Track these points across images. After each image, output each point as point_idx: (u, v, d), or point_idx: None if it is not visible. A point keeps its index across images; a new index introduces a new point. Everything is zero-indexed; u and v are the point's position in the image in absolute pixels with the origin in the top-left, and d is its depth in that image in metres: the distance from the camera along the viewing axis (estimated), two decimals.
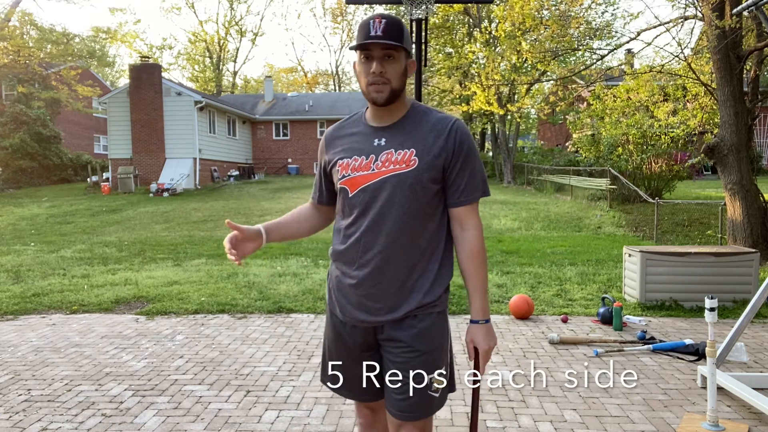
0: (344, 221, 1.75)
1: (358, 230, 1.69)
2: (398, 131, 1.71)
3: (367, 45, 1.61)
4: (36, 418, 3.09)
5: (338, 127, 1.83)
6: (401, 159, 1.67)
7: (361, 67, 1.66)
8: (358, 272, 1.69)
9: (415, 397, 1.66)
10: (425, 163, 1.66)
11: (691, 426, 2.91)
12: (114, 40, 41.54)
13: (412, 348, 1.67)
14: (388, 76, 1.63)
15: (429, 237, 1.72)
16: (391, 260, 1.67)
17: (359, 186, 1.68)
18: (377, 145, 1.70)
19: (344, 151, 1.75)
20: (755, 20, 7.62)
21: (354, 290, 1.71)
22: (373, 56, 1.63)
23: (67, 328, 4.96)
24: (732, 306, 5.24)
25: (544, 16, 11.22)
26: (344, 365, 1.81)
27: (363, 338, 1.75)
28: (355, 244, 1.69)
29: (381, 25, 1.60)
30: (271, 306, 5.55)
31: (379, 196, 1.66)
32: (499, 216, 13.33)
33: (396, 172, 1.66)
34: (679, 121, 12.69)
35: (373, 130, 1.73)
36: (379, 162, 1.68)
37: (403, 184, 1.65)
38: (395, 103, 1.70)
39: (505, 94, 22.98)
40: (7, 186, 23.88)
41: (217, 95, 39.20)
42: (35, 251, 9.60)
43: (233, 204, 16.70)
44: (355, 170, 1.70)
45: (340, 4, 47.48)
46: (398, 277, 1.68)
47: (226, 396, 3.39)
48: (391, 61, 1.64)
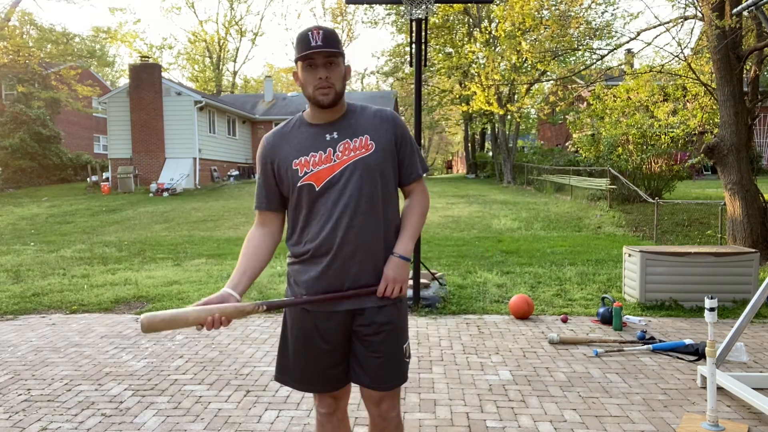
0: (312, 215, 1.83)
1: (329, 219, 1.79)
2: (346, 124, 1.87)
3: (312, 54, 1.75)
4: (36, 418, 3.09)
5: (278, 132, 1.92)
6: (359, 145, 1.83)
7: (305, 75, 1.80)
8: (335, 259, 1.80)
9: (394, 367, 1.87)
10: (380, 144, 1.85)
11: (691, 426, 2.91)
12: (114, 39, 41.60)
13: (392, 322, 1.86)
14: (332, 81, 1.79)
15: (392, 213, 1.91)
16: (367, 239, 1.81)
17: (326, 178, 1.80)
18: (330, 139, 1.84)
19: (296, 152, 1.84)
20: (755, 20, 7.62)
21: (331, 278, 1.81)
22: (317, 64, 1.77)
23: (67, 328, 4.96)
24: (732, 306, 5.24)
25: (544, 16, 11.22)
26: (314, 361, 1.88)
27: (338, 327, 1.85)
28: (331, 232, 1.79)
29: (320, 36, 1.75)
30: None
31: (348, 183, 1.79)
32: (499, 216, 13.33)
33: (359, 157, 1.82)
34: (679, 121, 12.70)
35: (320, 128, 1.86)
36: (339, 152, 1.82)
37: (368, 166, 1.81)
38: (338, 104, 1.86)
39: (505, 94, 22.98)
40: (7, 186, 23.89)
41: (217, 95, 39.19)
42: (35, 251, 9.60)
43: (233, 204, 16.70)
44: (316, 165, 1.81)
45: (340, 4, 47.47)
46: (375, 255, 1.83)
47: (225, 396, 3.39)
48: (333, 66, 1.79)
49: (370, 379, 1.86)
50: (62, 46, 27.66)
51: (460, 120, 36.68)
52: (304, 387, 1.94)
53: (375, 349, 1.85)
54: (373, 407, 1.93)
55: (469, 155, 36.75)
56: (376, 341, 1.85)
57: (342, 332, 1.86)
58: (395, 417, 1.95)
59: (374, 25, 36.45)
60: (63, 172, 26.65)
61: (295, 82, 1.87)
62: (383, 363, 1.85)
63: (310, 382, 1.92)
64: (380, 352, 1.85)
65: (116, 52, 57.87)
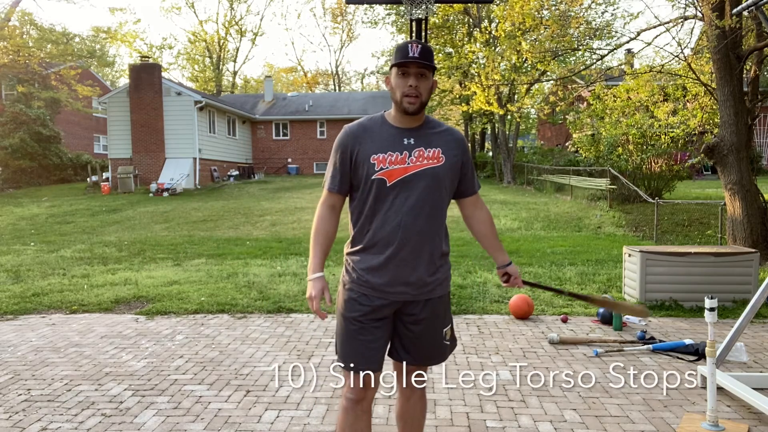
0: (379, 207, 2.04)
1: (395, 215, 2.02)
2: (422, 133, 2.08)
3: (407, 63, 1.97)
4: (36, 418, 3.09)
5: (361, 125, 2.11)
6: (432, 156, 2.06)
7: (397, 81, 2.01)
8: (397, 253, 2.03)
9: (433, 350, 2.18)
10: (449, 160, 2.08)
11: (691, 426, 2.91)
12: (114, 39, 41.58)
13: (432, 315, 2.12)
14: (420, 91, 2.00)
15: (443, 219, 2.14)
16: (424, 240, 2.05)
17: (397, 177, 2.01)
18: (407, 143, 2.05)
19: (376, 147, 2.04)
20: (755, 20, 7.62)
21: (391, 269, 2.03)
22: (410, 73, 1.99)
23: (67, 328, 4.96)
24: (732, 306, 5.24)
25: (544, 16, 11.21)
26: (371, 343, 2.09)
27: (390, 310, 2.09)
28: (396, 228, 2.02)
29: (418, 49, 1.97)
30: (271, 306, 5.55)
31: (416, 185, 2.02)
32: (499, 216, 13.33)
33: (430, 166, 2.04)
34: (679, 121, 12.69)
35: (399, 131, 2.07)
36: (413, 157, 2.04)
37: (436, 175, 2.05)
38: (420, 113, 2.07)
39: (505, 94, 22.98)
40: (7, 186, 23.88)
41: (216, 95, 39.19)
42: (35, 251, 9.60)
43: (233, 204, 16.70)
44: (392, 164, 2.02)
45: (340, 4, 47.47)
46: (430, 255, 2.07)
47: (225, 396, 3.39)
48: (423, 79, 2.00)
49: (411, 357, 2.16)
50: (62, 46, 27.67)
51: (460, 120, 36.66)
52: (363, 365, 2.08)
53: (416, 336, 2.13)
54: (406, 377, 2.20)
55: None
56: (417, 330, 2.12)
57: (390, 316, 2.11)
58: (422, 388, 2.24)
59: (374, 25, 36.47)
60: (63, 172, 26.64)
61: (386, 86, 2.09)
62: (423, 345, 2.15)
63: (354, 356, 2.08)
64: (420, 338, 2.13)
65: (116, 52, 57.82)
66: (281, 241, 10.39)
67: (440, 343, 2.18)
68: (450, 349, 2.24)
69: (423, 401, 2.30)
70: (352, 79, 56.96)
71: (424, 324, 2.11)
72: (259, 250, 9.22)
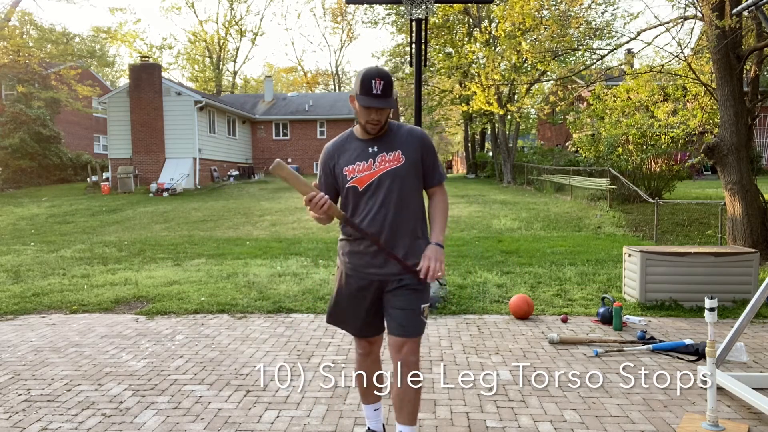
0: (357, 209, 2.42)
1: (371, 212, 2.39)
2: (385, 140, 2.44)
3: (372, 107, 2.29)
4: (36, 418, 3.09)
5: (337, 143, 2.52)
6: (393, 158, 2.41)
7: (361, 111, 2.34)
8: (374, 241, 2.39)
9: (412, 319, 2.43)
10: (409, 159, 2.42)
11: (691, 426, 2.91)
12: (114, 39, 41.59)
13: (410, 285, 2.42)
14: (381, 119, 2.36)
15: (416, 208, 2.47)
16: (398, 229, 2.41)
17: (366, 182, 2.40)
18: (371, 151, 2.42)
19: (347, 160, 2.43)
20: (755, 20, 7.62)
21: (373, 255, 2.42)
22: (373, 109, 2.31)
23: (67, 328, 4.96)
24: (732, 306, 5.24)
25: (544, 16, 11.21)
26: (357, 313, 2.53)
27: (374, 289, 2.47)
28: (371, 221, 2.40)
29: (381, 86, 2.27)
30: (271, 306, 5.55)
31: (382, 186, 2.39)
32: (499, 216, 13.33)
33: (391, 168, 2.40)
34: (679, 121, 12.69)
35: (364, 143, 2.45)
36: (377, 163, 2.41)
37: (397, 175, 2.40)
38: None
39: (505, 94, 22.97)
40: (7, 186, 23.89)
41: (216, 95, 39.19)
42: (35, 251, 9.60)
43: (233, 204, 16.70)
44: (360, 172, 2.41)
45: (340, 4, 47.48)
46: (403, 240, 2.42)
47: (225, 396, 3.39)
48: (384, 111, 2.34)
49: (395, 325, 2.43)
50: (62, 46, 27.68)
51: (460, 120, 36.67)
52: (348, 329, 2.61)
53: (396, 303, 2.43)
54: (396, 354, 2.44)
55: (469, 155, 36.75)
56: (397, 298, 2.43)
57: (376, 294, 2.48)
58: (415, 362, 2.46)
59: (374, 25, 36.46)
60: (63, 172, 26.64)
61: (351, 103, 2.40)
62: (403, 314, 2.42)
63: (352, 327, 2.58)
64: (400, 306, 2.42)
65: (116, 52, 57.88)
66: (281, 241, 10.40)
67: (419, 318, 2.44)
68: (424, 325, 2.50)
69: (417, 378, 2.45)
70: (352, 79, 56.91)
71: (405, 297, 2.43)
72: (259, 250, 9.22)
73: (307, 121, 30.60)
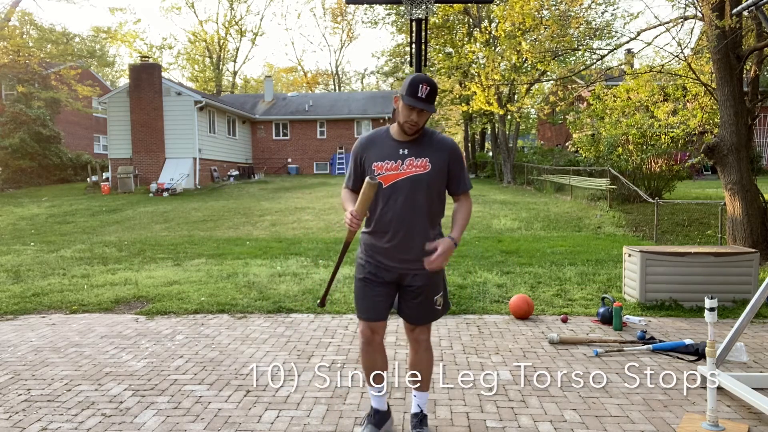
0: (379, 203, 2.57)
1: (389, 210, 2.55)
2: (416, 145, 2.58)
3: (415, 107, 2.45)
4: (36, 418, 3.09)
5: (370, 136, 2.68)
6: (420, 164, 2.56)
7: (403, 111, 2.50)
8: (393, 238, 2.58)
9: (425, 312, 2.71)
10: (435, 168, 2.57)
11: (691, 426, 2.91)
12: (114, 39, 41.61)
13: (425, 284, 2.64)
14: (420, 122, 2.52)
15: (434, 213, 2.63)
16: (414, 229, 2.56)
17: (391, 181, 2.55)
18: (402, 153, 2.57)
19: (378, 156, 2.58)
20: (755, 20, 7.62)
21: (389, 250, 2.60)
22: (415, 110, 2.47)
23: (67, 328, 4.96)
24: (732, 306, 5.24)
25: (544, 16, 11.21)
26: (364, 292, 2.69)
27: (391, 277, 2.65)
28: (389, 221, 2.56)
29: (426, 91, 2.44)
30: (271, 306, 5.55)
31: (405, 188, 2.54)
32: (499, 216, 13.33)
33: (417, 173, 2.55)
34: (679, 121, 12.70)
35: (398, 143, 2.60)
36: (405, 165, 2.56)
37: (421, 181, 2.55)
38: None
39: (505, 94, 22.97)
40: (7, 186, 23.88)
41: (216, 95, 39.19)
42: (35, 251, 9.60)
43: (233, 204, 16.70)
44: (388, 170, 2.56)
45: (340, 4, 47.48)
46: (419, 240, 2.56)
47: (225, 396, 3.39)
48: (424, 114, 2.49)
49: (407, 316, 2.73)
50: (62, 46, 27.68)
51: (460, 120, 36.65)
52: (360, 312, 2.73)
53: (411, 300, 2.68)
54: (409, 333, 2.78)
55: (469, 155, 36.72)
56: (412, 295, 2.67)
57: (392, 282, 2.68)
58: (425, 340, 2.77)
59: (374, 25, 36.52)
60: (63, 172, 26.63)
61: (394, 103, 2.56)
62: (417, 308, 2.68)
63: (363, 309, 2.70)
64: (415, 303, 2.67)
65: (116, 52, 57.80)
66: (281, 241, 10.40)
67: (432, 308, 2.70)
68: (442, 312, 2.76)
69: (429, 353, 2.81)
70: (352, 79, 56.94)
71: (417, 291, 2.65)
72: (259, 250, 9.22)
73: (307, 121, 30.60)
